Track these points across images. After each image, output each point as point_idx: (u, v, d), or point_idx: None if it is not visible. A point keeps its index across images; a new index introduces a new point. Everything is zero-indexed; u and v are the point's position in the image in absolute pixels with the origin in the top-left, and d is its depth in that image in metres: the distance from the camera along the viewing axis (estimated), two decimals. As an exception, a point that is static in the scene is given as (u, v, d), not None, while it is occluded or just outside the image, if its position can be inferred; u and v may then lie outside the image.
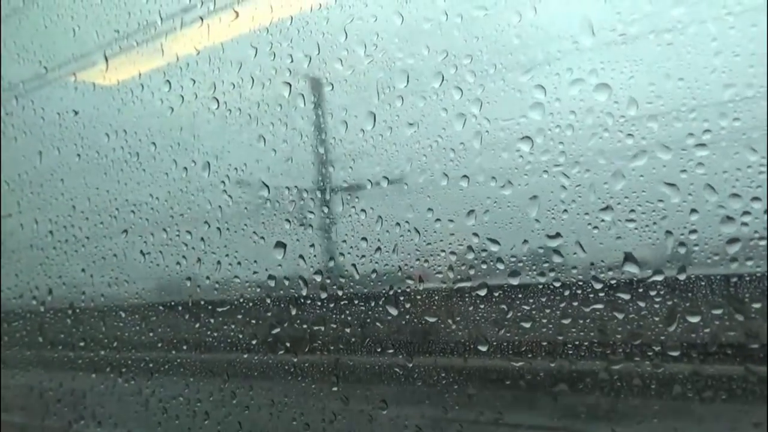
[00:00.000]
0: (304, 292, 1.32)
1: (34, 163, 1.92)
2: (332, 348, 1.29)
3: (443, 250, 1.16)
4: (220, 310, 1.46)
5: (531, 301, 1.08)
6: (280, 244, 1.35)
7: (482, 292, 1.12)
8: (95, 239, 1.74)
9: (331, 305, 1.28)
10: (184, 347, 1.53)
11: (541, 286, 1.06)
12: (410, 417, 1.21)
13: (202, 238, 1.48)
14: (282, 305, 1.36)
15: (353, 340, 1.26)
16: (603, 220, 1.02)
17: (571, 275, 1.04)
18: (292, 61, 1.35)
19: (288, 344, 1.35)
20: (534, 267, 1.07)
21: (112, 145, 1.69)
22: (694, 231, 0.95)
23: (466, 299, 1.14)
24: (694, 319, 0.95)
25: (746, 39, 0.93)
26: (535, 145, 1.08)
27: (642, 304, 0.98)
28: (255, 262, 1.39)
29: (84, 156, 1.78)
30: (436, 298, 1.18)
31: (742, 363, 0.91)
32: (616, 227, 1.01)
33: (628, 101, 1.01)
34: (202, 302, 1.50)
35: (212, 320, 1.48)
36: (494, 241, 1.11)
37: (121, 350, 1.68)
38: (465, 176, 1.14)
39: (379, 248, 1.23)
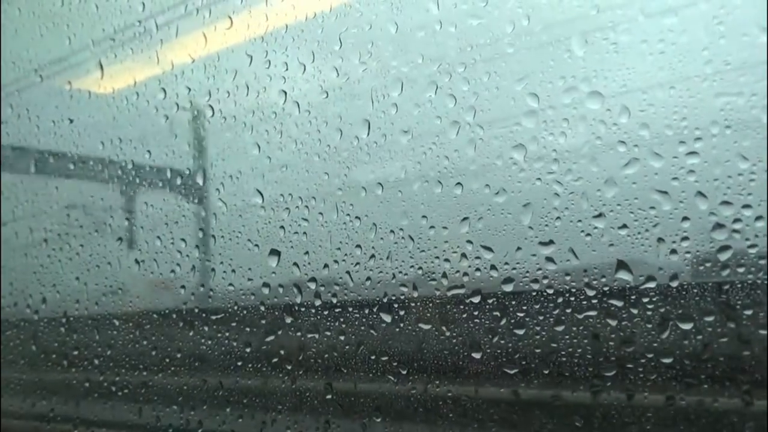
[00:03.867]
0: (298, 300, 1.32)
1: (29, 170, 1.92)
2: (326, 356, 1.29)
3: (437, 257, 1.16)
4: (214, 317, 1.46)
5: (524, 308, 1.08)
6: (275, 252, 1.35)
7: (476, 299, 1.12)
8: (89, 247, 1.74)
9: (325, 313, 1.28)
10: (178, 355, 1.53)
11: (534, 293, 1.06)
12: (404, 425, 1.21)
13: (197, 246, 1.48)
14: (276, 313, 1.35)
15: (347, 347, 1.26)
16: (596, 228, 1.02)
17: (564, 282, 1.04)
18: (287, 69, 1.35)
19: (282, 352, 1.35)
20: (527, 274, 1.07)
21: (107, 153, 1.70)
22: (685, 238, 0.96)
23: (460, 306, 1.14)
24: (687, 326, 0.95)
25: (737, 48, 0.94)
26: (529, 152, 1.08)
27: (635, 311, 0.99)
28: (249, 269, 1.39)
29: (79, 164, 1.78)
30: (430, 305, 1.18)
31: (735, 370, 0.92)
32: (609, 234, 1.01)
33: (620, 109, 1.01)
34: (196, 310, 1.50)
35: (206, 328, 1.47)
36: (488, 249, 1.11)
37: (115, 359, 1.67)
38: (459, 183, 1.15)
39: (373, 255, 1.23)
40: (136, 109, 1.63)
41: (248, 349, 1.40)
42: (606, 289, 1.00)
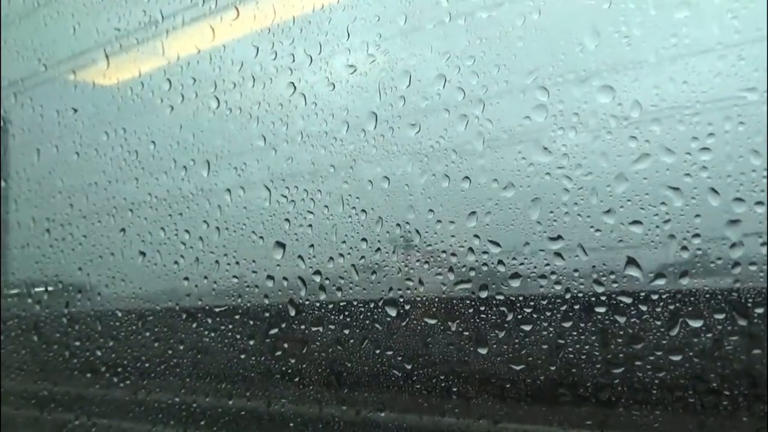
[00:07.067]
0: (302, 293, 1.31)
1: (32, 160, 1.91)
2: (330, 349, 1.28)
3: (444, 252, 1.15)
4: (217, 310, 1.45)
5: (531, 303, 1.07)
6: (280, 244, 1.34)
7: (483, 295, 1.11)
8: (93, 238, 1.73)
9: (330, 306, 1.28)
10: (181, 347, 1.52)
11: (542, 289, 1.05)
12: (408, 421, 1.20)
13: (201, 238, 1.47)
14: (280, 306, 1.35)
15: (351, 341, 1.25)
16: (605, 223, 1.01)
17: (573, 278, 1.03)
18: (293, 61, 1.34)
19: (286, 345, 1.34)
20: (535, 269, 1.06)
21: (111, 144, 1.69)
22: (697, 235, 0.95)
23: (466, 301, 1.13)
24: (696, 324, 0.94)
25: (750, 42, 0.93)
26: (538, 147, 1.07)
27: (644, 308, 0.98)
28: (254, 262, 1.38)
29: (83, 154, 1.77)
30: (436, 300, 1.17)
31: (745, 367, 0.91)
32: (619, 230, 1.00)
33: (631, 104, 1.00)
34: (200, 302, 1.49)
35: (209, 320, 1.47)
36: (495, 243, 1.11)
37: (117, 350, 1.66)
38: (467, 177, 1.14)
39: (378, 249, 1.22)
40: (141, 99, 1.62)
41: (252, 342, 1.40)
42: (615, 285, 0.99)
